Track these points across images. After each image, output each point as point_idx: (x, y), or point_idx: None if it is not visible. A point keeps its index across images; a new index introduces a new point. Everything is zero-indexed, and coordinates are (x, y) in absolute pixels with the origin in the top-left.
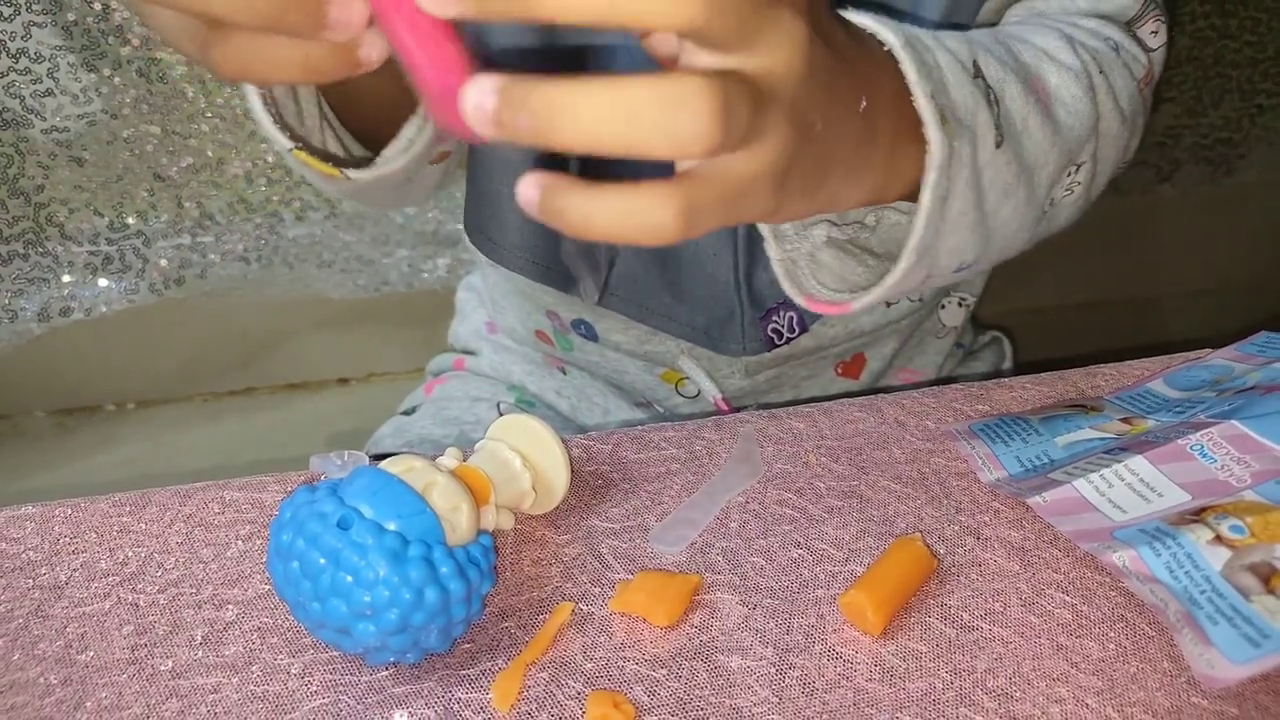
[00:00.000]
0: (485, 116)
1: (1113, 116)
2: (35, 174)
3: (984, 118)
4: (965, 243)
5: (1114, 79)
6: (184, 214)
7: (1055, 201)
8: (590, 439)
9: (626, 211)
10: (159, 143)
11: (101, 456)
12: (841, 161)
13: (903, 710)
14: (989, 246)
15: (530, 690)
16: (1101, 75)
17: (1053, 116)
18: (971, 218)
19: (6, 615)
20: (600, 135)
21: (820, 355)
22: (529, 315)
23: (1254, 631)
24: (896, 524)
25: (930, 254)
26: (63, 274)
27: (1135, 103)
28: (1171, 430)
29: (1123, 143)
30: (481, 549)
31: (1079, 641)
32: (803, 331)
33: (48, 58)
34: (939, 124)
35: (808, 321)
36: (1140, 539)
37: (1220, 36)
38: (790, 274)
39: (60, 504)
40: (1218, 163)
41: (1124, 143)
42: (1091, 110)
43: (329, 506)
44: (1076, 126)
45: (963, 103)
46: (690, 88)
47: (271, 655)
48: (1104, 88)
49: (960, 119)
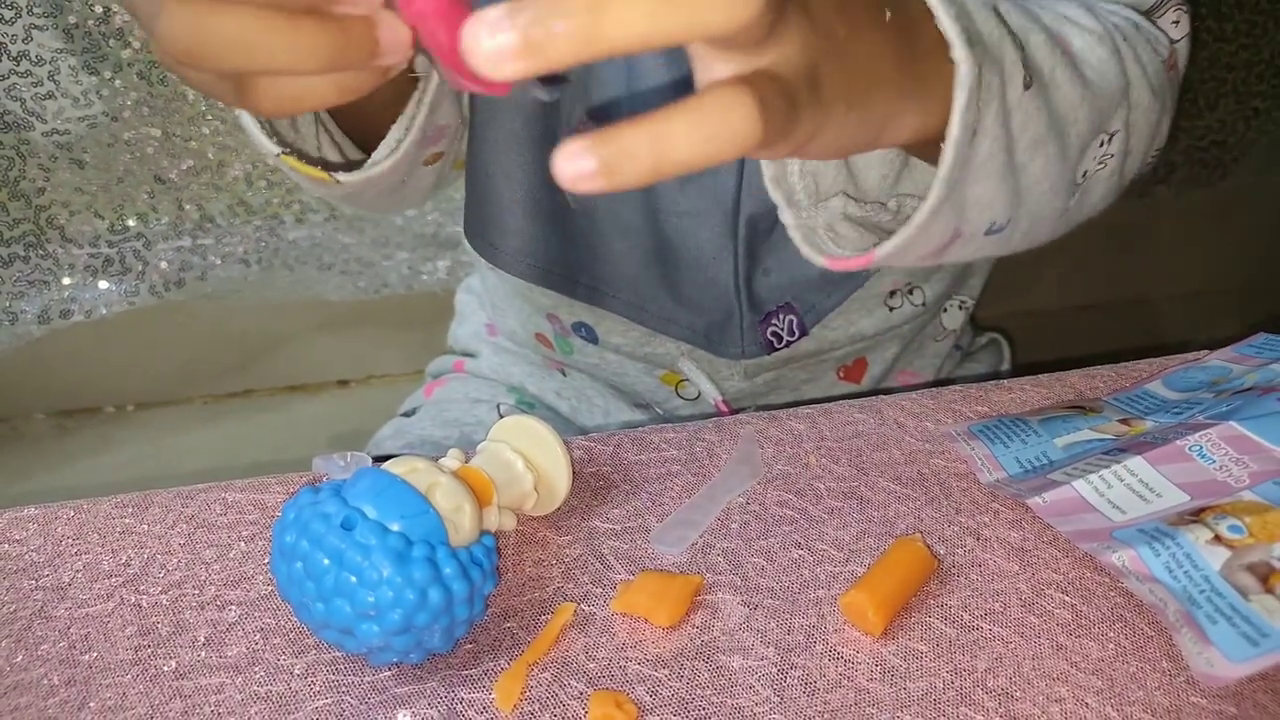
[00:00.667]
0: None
1: (1142, 85)
2: (36, 176)
3: (1011, 55)
4: (995, 194)
5: (1139, 50)
6: (184, 216)
7: (1089, 174)
8: (591, 440)
9: (706, 123)
10: (159, 145)
11: (101, 458)
12: (878, 76)
13: (904, 709)
14: (1020, 207)
15: (533, 690)
16: (1126, 44)
17: (1080, 73)
18: (1001, 162)
19: (10, 617)
20: (652, 27)
21: (821, 359)
22: (529, 318)
23: (1253, 630)
24: (896, 525)
25: (958, 194)
26: (63, 276)
27: (1162, 79)
28: (1170, 431)
29: (1155, 117)
30: (484, 549)
31: (1078, 641)
32: (802, 335)
33: (49, 60)
34: (965, 44)
35: (807, 324)
36: (1139, 539)
37: (1216, 39)
38: (809, 239)
39: (63, 505)
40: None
41: (1156, 118)
42: (1119, 73)
43: (333, 507)
44: (1105, 88)
45: (989, 34)
46: None
47: (274, 656)
48: (1130, 56)
49: (989, 50)
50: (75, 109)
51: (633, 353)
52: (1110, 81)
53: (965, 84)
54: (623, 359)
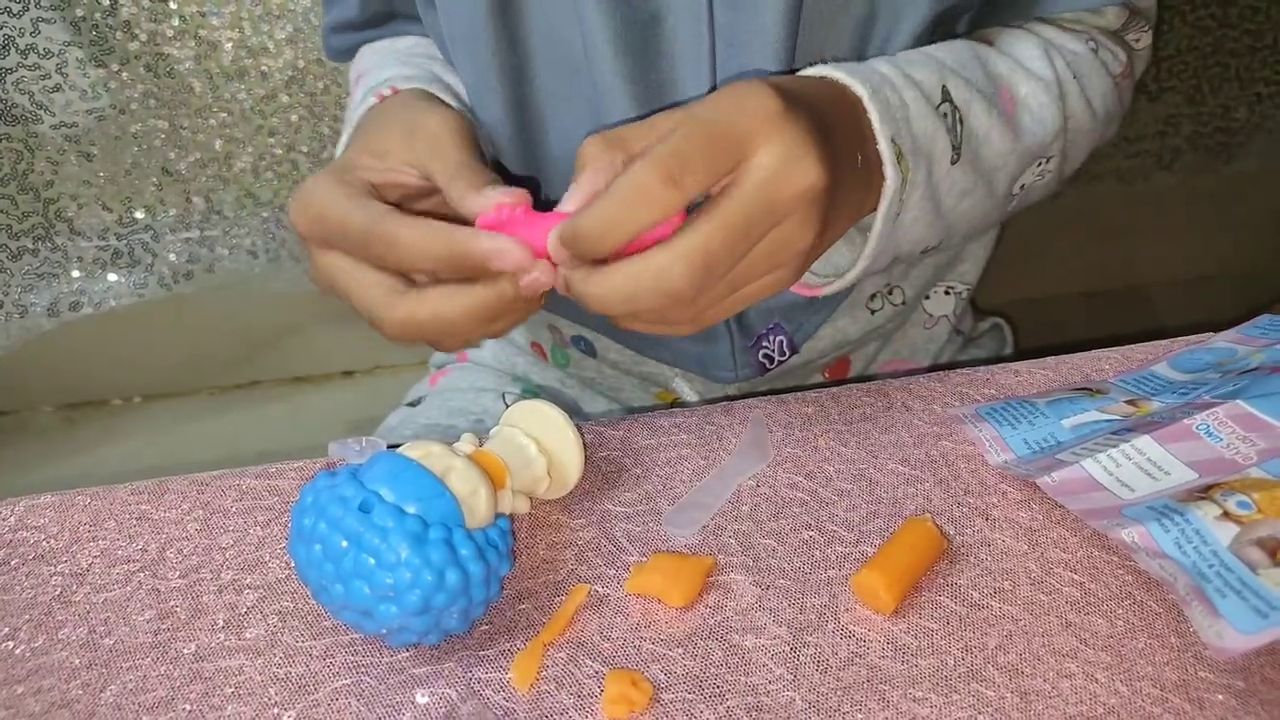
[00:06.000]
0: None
1: (1084, 116)
2: (44, 169)
3: (942, 143)
4: (925, 234)
5: (1088, 82)
6: (192, 208)
7: (1026, 186)
8: (602, 425)
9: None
10: (167, 138)
11: (108, 450)
12: (853, 211)
13: (915, 686)
14: (951, 234)
15: (549, 670)
16: (1074, 82)
17: (1016, 124)
18: (928, 219)
19: (30, 602)
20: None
21: (808, 367)
22: (528, 326)
23: (1262, 603)
24: (906, 506)
25: (888, 250)
26: (72, 269)
27: (1110, 99)
28: (1177, 411)
29: (1095, 135)
30: (500, 532)
31: (1087, 618)
32: (793, 354)
33: (56, 53)
34: (895, 162)
35: (797, 343)
36: (1149, 516)
37: (1220, 25)
38: None
39: (79, 492)
40: (1217, 151)
41: (1096, 135)
42: (1058, 115)
43: (350, 490)
44: (1039, 131)
45: (923, 133)
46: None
47: (293, 638)
48: (1075, 93)
49: (919, 148)
50: (83, 102)
51: (629, 370)
52: (1047, 125)
53: (889, 194)
54: (619, 374)
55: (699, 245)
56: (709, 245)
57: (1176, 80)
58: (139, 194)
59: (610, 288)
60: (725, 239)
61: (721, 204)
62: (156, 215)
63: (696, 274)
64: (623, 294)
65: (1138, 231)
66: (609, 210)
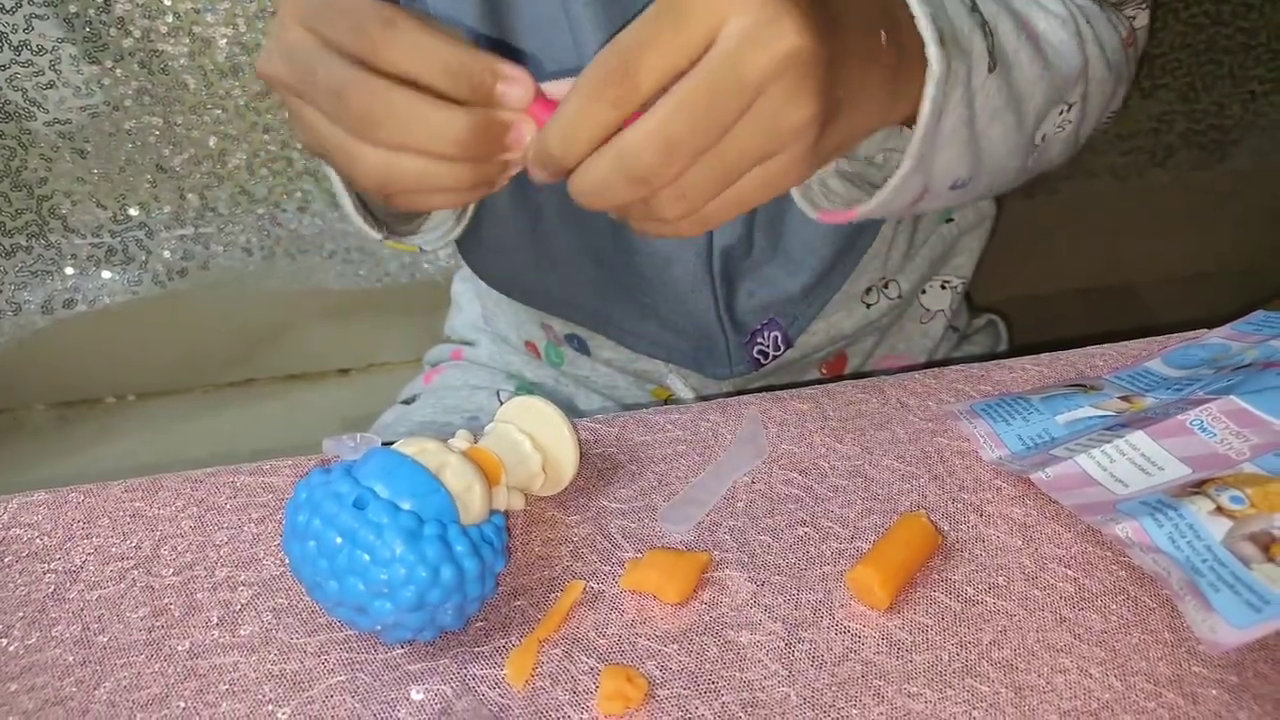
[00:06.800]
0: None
1: (1099, 63)
2: (38, 166)
3: (979, 46)
4: (958, 159)
5: (1100, 31)
6: (186, 206)
7: (1047, 137)
8: (597, 422)
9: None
10: (161, 135)
11: (103, 448)
12: (879, 96)
13: (910, 681)
14: (980, 168)
15: (544, 666)
16: (1088, 25)
17: (1042, 54)
18: (963, 135)
19: (24, 599)
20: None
21: (804, 362)
22: (522, 325)
23: (1255, 598)
24: (900, 502)
25: (927, 162)
26: (66, 266)
27: (1120, 56)
28: (1171, 406)
29: (1109, 89)
30: (494, 528)
31: (1081, 613)
32: (788, 347)
33: (49, 50)
34: (939, 43)
35: (791, 336)
36: (1142, 511)
37: (1213, 22)
38: (804, 193)
39: (72, 490)
40: (1211, 148)
41: (1110, 89)
42: (1078, 54)
43: (344, 486)
44: (1064, 67)
45: (961, 28)
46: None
47: (287, 635)
48: (1090, 37)
49: (959, 42)
50: (77, 98)
51: (623, 367)
52: (1069, 61)
53: (935, 77)
54: (614, 372)
55: (656, 123)
56: (669, 122)
57: (1170, 77)
58: (133, 191)
59: (584, 180)
60: (688, 114)
61: (684, 79)
62: (151, 212)
63: (659, 153)
64: (596, 183)
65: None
66: (564, 120)
